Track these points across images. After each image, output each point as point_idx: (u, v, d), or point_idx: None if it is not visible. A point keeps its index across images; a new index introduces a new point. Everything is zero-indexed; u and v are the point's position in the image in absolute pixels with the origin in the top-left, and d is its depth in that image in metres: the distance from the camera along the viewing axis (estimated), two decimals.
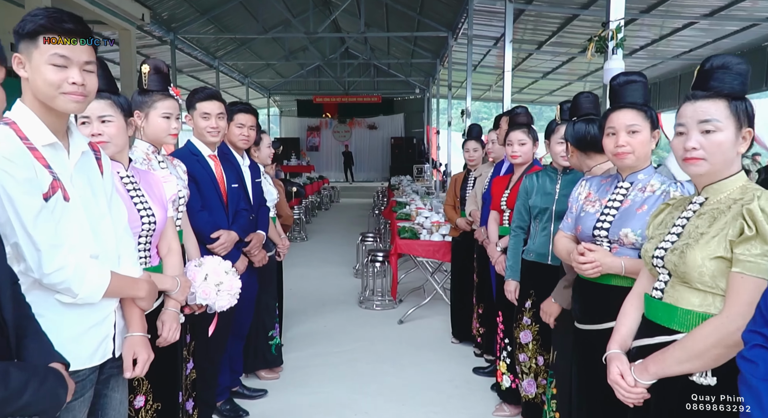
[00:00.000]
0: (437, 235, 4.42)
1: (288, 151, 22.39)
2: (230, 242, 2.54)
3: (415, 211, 6.02)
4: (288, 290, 5.75)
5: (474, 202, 3.80)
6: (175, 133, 2.14)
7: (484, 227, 3.41)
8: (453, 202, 4.13)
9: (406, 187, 11.82)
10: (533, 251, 2.65)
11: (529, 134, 2.92)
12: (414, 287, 5.60)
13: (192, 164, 2.50)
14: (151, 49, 14.62)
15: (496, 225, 3.10)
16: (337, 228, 10.75)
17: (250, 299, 3.12)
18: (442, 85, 18.69)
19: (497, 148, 3.65)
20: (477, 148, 3.98)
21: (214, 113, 2.54)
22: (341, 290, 5.86)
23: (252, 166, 3.09)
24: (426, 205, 7.28)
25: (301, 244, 8.88)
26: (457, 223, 3.97)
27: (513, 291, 2.76)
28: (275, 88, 23.87)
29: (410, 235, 4.42)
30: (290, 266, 6.97)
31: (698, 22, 9.85)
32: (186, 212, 2.30)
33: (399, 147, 22.76)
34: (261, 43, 17.60)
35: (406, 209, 6.51)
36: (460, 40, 13.19)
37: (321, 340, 4.28)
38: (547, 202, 2.62)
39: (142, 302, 1.55)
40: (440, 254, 4.34)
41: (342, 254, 7.84)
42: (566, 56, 14.24)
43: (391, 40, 18.00)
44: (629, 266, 1.77)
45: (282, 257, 3.50)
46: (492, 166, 3.77)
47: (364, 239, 6.37)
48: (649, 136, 1.82)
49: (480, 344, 3.80)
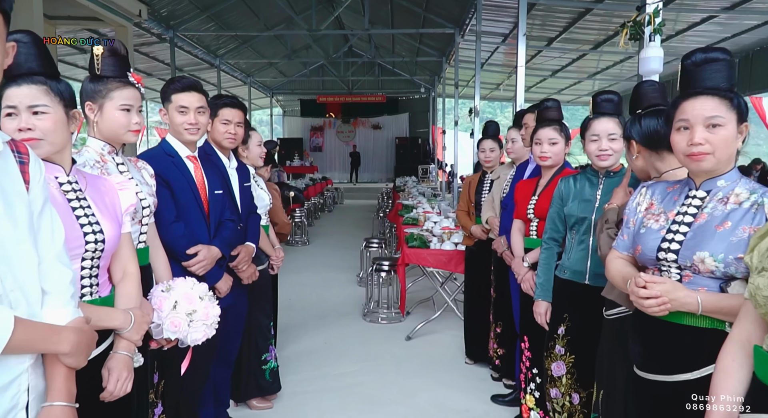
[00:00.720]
0: (449, 243, 4.02)
1: (291, 152, 22.05)
2: (210, 259, 2.15)
3: (423, 215, 5.62)
4: (287, 301, 5.38)
5: (491, 208, 3.40)
6: (136, 130, 1.75)
7: (504, 238, 3.01)
8: (467, 208, 3.73)
9: (412, 188, 11.43)
10: (568, 268, 2.26)
11: (561, 132, 2.52)
12: (422, 297, 5.20)
13: (166, 167, 2.11)
14: (150, 48, 14.27)
15: (521, 236, 2.70)
16: (340, 231, 10.36)
17: (238, 321, 2.74)
18: (448, 84, 18.29)
19: (518, 147, 3.25)
20: (494, 148, 3.58)
21: (193, 107, 2.16)
22: (344, 299, 5.47)
23: (240, 168, 2.70)
24: (434, 208, 6.89)
25: (303, 248, 8.50)
26: (471, 231, 3.57)
27: (543, 314, 2.36)
28: (278, 87, 23.50)
29: (419, 243, 4.03)
30: (290, 272, 6.60)
31: (718, 16, 9.41)
32: (155, 225, 1.92)
33: (404, 147, 22.37)
34: (263, 41, 17.23)
35: (413, 213, 6.11)
36: (467, 37, 12.78)
37: (321, 359, 3.88)
38: (585, 211, 2.22)
39: (69, 359, 1.14)
40: (452, 264, 3.94)
41: (345, 258, 7.45)
42: (576, 53, 13.81)
43: (395, 37, 17.60)
44: (708, 303, 1.37)
45: (276, 270, 3.12)
46: (510, 168, 3.37)
47: (368, 245, 5.98)
48: (734, 131, 1.42)
49: (498, 367, 3.40)
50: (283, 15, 15.08)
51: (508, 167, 3.41)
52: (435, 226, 4.90)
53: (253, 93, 22.59)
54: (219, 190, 2.30)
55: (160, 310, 1.70)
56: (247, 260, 2.57)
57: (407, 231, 4.88)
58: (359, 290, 5.74)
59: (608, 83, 17.36)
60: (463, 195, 3.77)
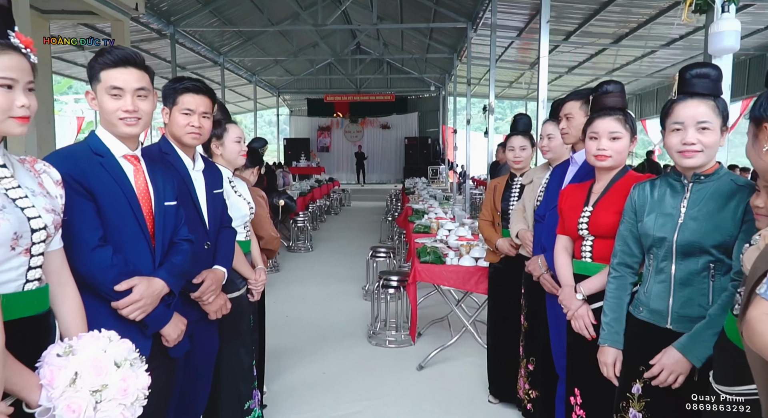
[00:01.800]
0: (468, 258, 3.42)
1: (297, 153, 21.51)
2: (151, 297, 1.56)
3: (436, 222, 5.02)
4: (282, 318, 4.80)
5: (521, 219, 2.80)
6: (24, 117, 1.18)
7: (542, 258, 2.40)
8: (491, 217, 3.13)
9: (422, 190, 10.82)
10: (645, 306, 1.66)
11: (626, 123, 1.91)
12: (436, 316, 4.60)
13: (90, 170, 1.53)
14: (150, 44, 13.78)
15: (569, 258, 2.09)
16: (346, 235, 9.78)
17: (207, 364, 2.16)
18: (459, 81, 17.66)
19: (556, 145, 2.65)
20: (525, 145, 2.98)
21: (130, 89, 1.58)
22: (348, 317, 4.88)
23: (209, 171, 2.12)
24: (447, 213, 6.29)
25: (306, 255, 7.92)
26: (497, 245, 2.97)
27: (611, 365, 1.76)
28: (285, 86, 22.99)
29: (433, 258, 3.43)
30: (289, 283, 6.04)
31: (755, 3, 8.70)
32: (62, 252, 1.34)
33: (413, 147, 21.75)
34: (268, 38, 16.71)
35: (424, 219, 5.51)
36: (480, 31, 12.16)
37: (317, 396, 3.30)
38: (665, 229, 1.62)
39: None
40: (472, 283, 3.34)
41: (351, 266, 6.86)
42: (595, 48, 13.14)
43: (405, 34, 17.01)
44: None
45: (255, 296, 2.53)
46: (545, 170, 2.78)
47: (375, 254, 5.39)
48: None
49: (530, 412, 2.79)
50: (289, 10, 14.55)
51: (542, 169, 2.81)
52: (450, 235, 4.30)
53: (260, 92, 22.09)
54: (171, 200, 1.72)
55: (51, 386, 1.13)
56: (214, 288, 1.99)
57: (419, 241, 4.29)
58: (365, 304, 5.15)
59: (627, 80, 16.64)
60: (486, 202, 3.17)
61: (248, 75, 19.38)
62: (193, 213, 1.99)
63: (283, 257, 7.65)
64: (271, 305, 5.26)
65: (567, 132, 2.34)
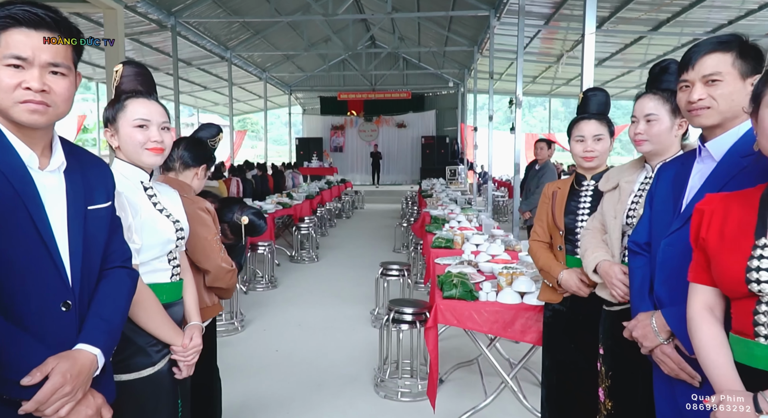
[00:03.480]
0: (510, 293, 2.45)
1: (309, 152, 20.65)
2: None
3: (460, 234, 4.06)
4: (272, 354, 3.89)
5: (601, 244, 1.84)
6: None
7: (658, 316, 1.43)
8: (548, 236, 2.17)
9: (440, 192, 9.85)
10: None
11: None
12: (462, 355, 3.65)
13: None
14: (151, 37, 13.02)
15: (721, 331, 1.13)
16: (357, 243, 8.86)
17: None
18: (480, 77, 16.62)
19: (660, 131, 1.70)
20: (601, 133, 2.03)
21: None
22: (352, 352, 3.96)
23: (79, 173, 1.20)
24: (472, 221, 5.32)
25: (310, 267, 7.01)
26: (560, 280, 2.02)
27: None
28: (297, 84, 22.18)
29: (461, 293, 2.47)
30: (287, 304, 5.12)
31: None
32: None
33: (430, 147, 20.75)
34: (278, 32, 15.88)
35: (445, 230, 4.56)
36: (504, 19, 11.16)
37: None
38: None
39: None
40: (518, 330, 2.37)
41: (360, 282, 5.94)
42: (631, 37, 12.04)
43: (421, 26, 16.04)
44: None
45: (185, 371, 1.57)
46: (638, 168, 1.83)
47: (386, 272, 4.46)
48: None
49: None
50: (298, 1, 13.69)
51: (632, 169, 1.86)
52: (480, 254, 3.35)
53: (271, 90, 21.29)
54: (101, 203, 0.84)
55: None
56: (68, 392, 1.05)
57: (440, 262, 3.34)
58: (373, 333, 4.22)
59: None
60: (541, 215, 2.21)
61: (258, 72, 18.56)
62: (36, 247, 1.07)
63: (284, 270, 6.75)
64: (261, 334, 4.37)
65: (706, 106, 1.37)
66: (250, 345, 4.07)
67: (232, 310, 4.46)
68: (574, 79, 17.50)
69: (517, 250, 3.89)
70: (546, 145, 5.79)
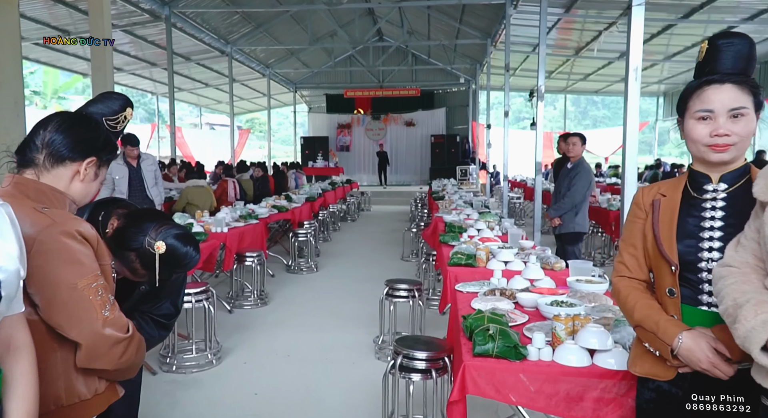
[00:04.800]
0: (575, 350, 1.65)
1: (315, 152, 19.90)
2: None
3: (484, 250, 3.26)
4: (250, 397, 3.08)
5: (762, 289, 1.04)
6: None
7: None
8: (644, 273, 1.37)
9: (452, 194, 9.04)
10: None
11: None
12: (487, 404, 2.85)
13: None
14: (145, 29, 12.30)
15: None
16: (362, 250, 8.08)
17: None
18: (493, 72, 15.80)
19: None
20: (744, 108, 1.23)
21: None
22: (351, 395, 3.18)
23: None
24: (493, 229, 4.53)
25: (307, 279, 6.24)
26: (679, 349, 1.22)
27: None
28: (302, 81, 21.45)
29: (502, 349, 1.64)
30: (277, 327, 4.22)
31: None
32: None
33: (440, 146, 19.93)
34: (281, 25, 15.15)
35: (462, 241, 3.77)
36: (522, 6, 10.35)
37: None
38: None
39: None
40: (588, 408, 1.58)
41: (364, 299, 5.17)
42: (658, 25, 11.16)
43: (431, 18, 15.24)
44: None
45: None
46: None
47: (392, 292, 3.68)
48: None
49: None
50: None
51: None
52: (516, 282, 2.56)
53: (275, 88, 20.57)
54: None
55: None
56: None
57: (463, 290, 2.56)
58: (377, 368, 3.45)
59: (687, 66, 14.53)
60: (631, 236, 1.39)
61: (261, 68, 17.83)
62: None
63: (278, 282, 5.99)
64: (240, 369, 3.57)
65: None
66: (225, 386, 3.30)
67: (206, 337, 3.68)
68: (593, 74, 16.61)
69: (557, 268, 3.10)
70: (580, 140, 4.98)
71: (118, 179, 5.52)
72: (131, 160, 5.65)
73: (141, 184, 5.66)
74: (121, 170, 5.56)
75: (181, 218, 4.74)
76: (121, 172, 5.56)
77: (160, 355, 3.58)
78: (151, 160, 5.83)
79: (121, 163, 5.57)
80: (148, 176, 5.70)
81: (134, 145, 5.66)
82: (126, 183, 5.59)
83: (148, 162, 5.75)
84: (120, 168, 5.56)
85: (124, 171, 5.59)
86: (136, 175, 5.65)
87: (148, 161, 5.76)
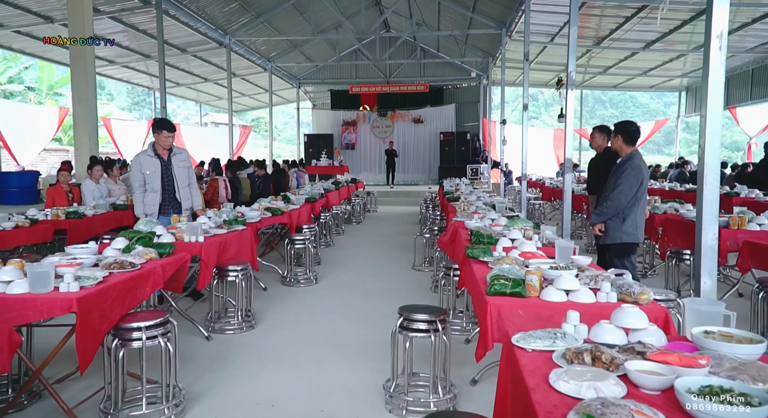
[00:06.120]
0: None
1: (318, 150, 19.04)
2: None
3: (537, 275, 2.38)
4: None
5: None
6: None
7: None
8: None
9: (468, 194, 8.13)
10: None
11: None
12: None
13: None
14: (135, 17, 11.46)
15: None
16: (368, 257, 7.22)
17: None
18: (508, 66, 14.85)
19: None
20: None
21: None
22: None
23: None
24: (532, 239, 3.65)
25: (305, 293, 5.37)
26: None
27: None
28: (305, 76, 20.57)
29: None
30: (263, 359, 3.23)
31: None
32: None
33: (449, 144, 19.00)
34: (282, 15, 14.30)
35: (497, 255, 2.89)
36: None
37: None
38: None
39: None
40: None
41: (370, 319, 4.31)
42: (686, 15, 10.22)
43: (442, 7, 14.35)
44: None
45: None
46: None
47: (407, 323, 2.82)
48: None
49: None
50: None
51: None
52: (601, 328, 1.69)
53: (278, 83, 19.71)
54: None
55: None
56: None
57: (525, 347, 1.68)
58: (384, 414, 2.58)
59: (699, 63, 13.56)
60: None
61: (262, 61, 16.97)
62: None
63: (270, 297, 5.13)
64: None
65: None
66: None
67: (162, 382, 2.79)
68: (614, 67, 15.64)
69: (642, 301, 2.22)
70: (597, 132, 4.12)
71: (150, 174, 4.54)
72: (162, 152, 4.62)
73: (171, 182, 4.64)
74: (152, 164, 4.56)
75: (146, 224, 3.87)
76: (152, 166, 4.55)
77: (100, 410, 2.70)
78: (183, 156, 4.76)
79: (152, 155, 4.56)
80: (179, 174, 4.66)
81: (171, 131, 4.57)
82: (159, 179, 4.57)
83: (180, 157, 4.71)
84: (151, 161, 4.55)
85: (156, 165, 4.57)
86: (166, 171, 4.63)
87: (180, 156, 4.71)
